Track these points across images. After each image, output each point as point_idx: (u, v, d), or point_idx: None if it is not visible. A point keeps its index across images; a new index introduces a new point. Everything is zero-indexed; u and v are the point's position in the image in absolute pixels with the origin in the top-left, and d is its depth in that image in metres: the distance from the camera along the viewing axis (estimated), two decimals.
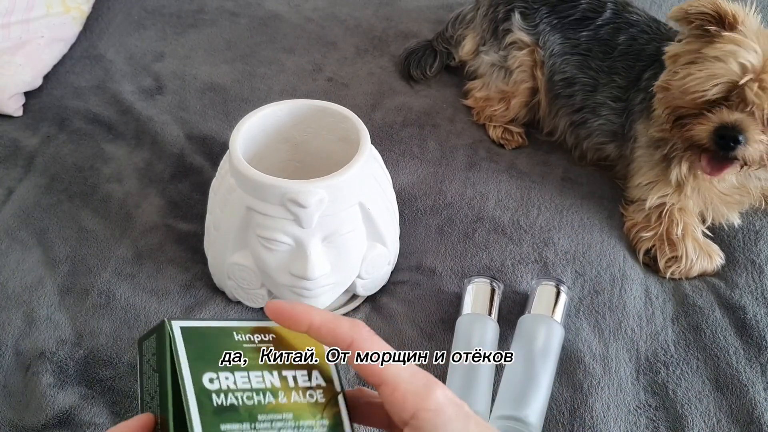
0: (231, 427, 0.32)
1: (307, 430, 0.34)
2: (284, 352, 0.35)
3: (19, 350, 0.67)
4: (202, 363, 0.33)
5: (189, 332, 0.34)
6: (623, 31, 0.83)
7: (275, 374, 0.34)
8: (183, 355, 0.33)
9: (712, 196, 0.78)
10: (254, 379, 0.34)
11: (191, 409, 0.32)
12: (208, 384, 0.33)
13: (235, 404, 0.33)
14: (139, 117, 0.93)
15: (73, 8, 1.02)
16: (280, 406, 0.34)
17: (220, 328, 0.35)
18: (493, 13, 0.93)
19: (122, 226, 0.79)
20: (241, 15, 1.12)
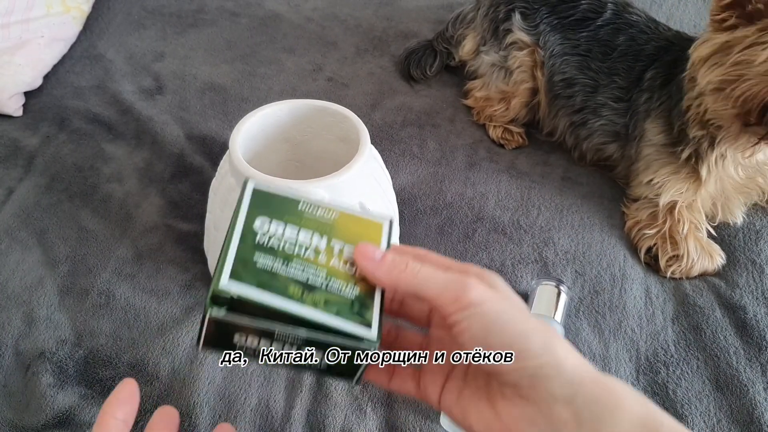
0: (263, 260, 0.34)
1: (335, 288, 0.35)
2: (340, 230, 0.37)
3: (18, 350, 0.67)
4: (259, 210, 0.36)
5: (260, 193, 0.37)
6: (623, 32, 0.84)
7: (324, 239, 0.36)
8: (246, 203, 0.36)
9: (730, 186, 0.78)
10: (302, 235, 0.36)
11: (233, 237, 0.35)
12: (257, 225, 0.36)
13: (274, 247, 0.35)
14: (139, 117, 0.93)
15: (73, 8, 1.02)
16: (317, 263, 0.35)
17: (291, 198, 0.37)
18: (493, 13, 0.93)
19: (122, 226, 0.79)
20: (241, 15, 1.12)
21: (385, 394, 0.65)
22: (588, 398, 0.31)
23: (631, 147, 0.82)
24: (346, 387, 0.65)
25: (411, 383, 0.38)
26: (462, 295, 0.32)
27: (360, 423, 0.63)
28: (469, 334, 0.32)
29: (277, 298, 0.33)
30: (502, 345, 0.31)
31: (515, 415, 0.33)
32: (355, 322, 0.34)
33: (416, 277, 0.33)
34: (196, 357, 0.66)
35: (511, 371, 0.32)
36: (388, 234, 0.38)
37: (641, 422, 0.31)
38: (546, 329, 0.32)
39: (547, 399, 0.31)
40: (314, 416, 0.63)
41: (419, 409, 0.64)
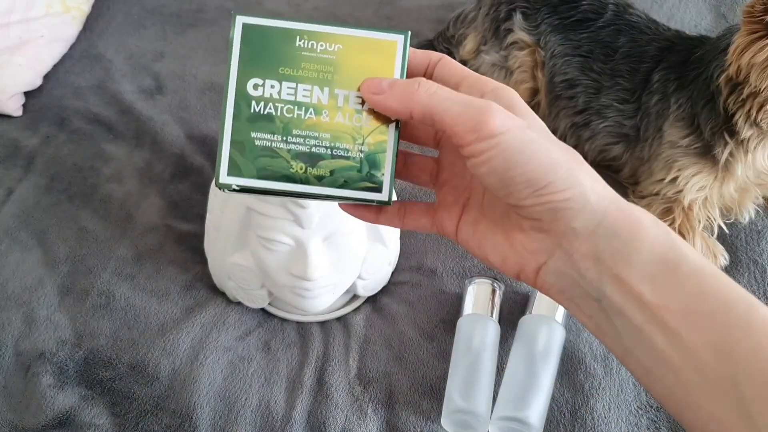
0: (261, 136, 0.33)
1: (341, 152, 0.33)
2: (345, 68, 0.33)
3: (19, 351, 0.67)
4: (252, 66, 0.33)
5: (250, 30, 0.33)
6: (624, 33, 0.83)
7: (326, 90, 0.33)
8: (236, 55, 0.33)
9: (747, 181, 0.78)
10: (301, 91, 0.33)
11: (227, 111, 0.33)
12: (251, 89, 0.33)
13: (272, 114, 0.33)
14: (139, 117, 0.92)
15: (72, 8, 1.02)
16: (320, 124, 0.33)
17: (286, 29, 0.33)
18: (494, 13, 0.93)
19: (122, 227, 0.79)
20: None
21: (387, 395, 0.65)
22: (609, 231, 0.29)
23: (643, 148, 0.82)
24: (347, 387, 0.65)
25: (425, 219, 0.36)
26: (482, 123, 0.29)
27: (361, 424, 0.63)
28: (488, 167, 0.29)
29: (279, 182, 0.33)
30: (525, 179, 0.29)
31: (533, 248, 0.31)
32: (364, 188, 0.33)
33: (431, 97, 0.30)
34: (197, 358, 0.66)
35: (533, 205, 0.30)
36: (403, 55, 0.34)
37: (660, 258, 0.29)
38: (571, 158, 0.30)
39: (567, 233, 0.30)
40: (315, 417, 0.63)
41: (420, 410, 0.64)
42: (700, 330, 0.28)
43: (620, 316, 0.29)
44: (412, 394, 0.65)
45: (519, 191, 0.30)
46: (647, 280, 0.29)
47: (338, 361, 0.67)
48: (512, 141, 0.29)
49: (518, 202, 0.30)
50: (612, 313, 0.30)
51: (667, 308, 0.28)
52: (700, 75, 0.76)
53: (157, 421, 0.63)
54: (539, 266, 0.32)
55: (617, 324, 0.30)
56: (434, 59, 0.34)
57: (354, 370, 0.67)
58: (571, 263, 0.30)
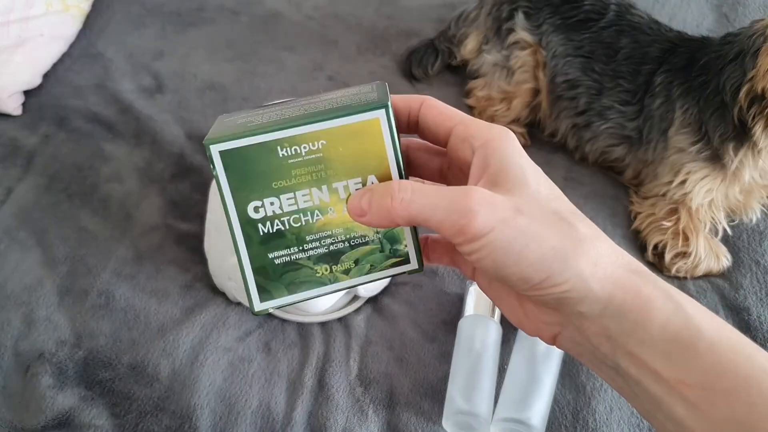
0: (279, 254, 0.33)
1: (358, 240, 0.33)
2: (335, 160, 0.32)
3: (18, 351, 0.67)
4: (246, 191, 0.32)
5: (229, 156, 0.32)
6: (625, 34, 0.83)
7: (324, 189, 0.33)
8: (225, 185, 0.32)
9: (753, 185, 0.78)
10: (301, 198, 0.33)
11: (238, 244, 0.33)
12: (252, 213, 0.33)
13: (281, 229, 0.33)
14: (138, 116, 0.92)
15: (72, 6, 1.01)
16: (330, 222, 0.33)
17: (264, 143, 0.32)
18: (496, 12, 0.92)
19: (122, 227, 0.79)
20: (241, 13, 1.12)
21: (387, 396, 0.65)
22: (616, 313, 0.28)
23: (646, 150, 0.82)
24: (348, 388, 0.65)
25: (448, 257, 0.36)
26: (466, 228, 0.28)
27: (361, 425, 0.62)
28: (481, 265, 0.29)
29: (309, 290, 0.33)
30: (519, 278, 0.29)
31: (545, 320, 0.31)
32: (393, 265, 0.33)
33: (409, 207, 0.30)
34: (197, 358, 0.66)
35: (535, 296, 0.29)
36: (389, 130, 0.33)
37: (674, 336, 0.28)
38: (570, 244, 0.29)
39: (574, 315, 0.29)
40: (315, 418, 0.63)
41: (421, 411, 0.64)
42: (720, 406, 0.27)
43: (638, 386, 0.29)
44: (413, 395, 0.65)
45: (515, 286, 0.29)
46: (661, 357, 0.28)
47: (339, 362, 0.67)
48: (499, 240, 0.28)
49: (520, 292, 0.30)
50: (629, 381, 0.29)
51: (685, 383, 0.27)
52: (708, 83, 0.76)
53: (156, 422, 0.63)
54: (555, 335, 0.31)
55: (636, 391, 0.29)
56: (414, 106, 0.33)
57: (355, 371, 0.66)
58: (584, 337, 0.30)
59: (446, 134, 0.32)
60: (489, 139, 0.31)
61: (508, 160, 0.30)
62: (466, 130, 0.31)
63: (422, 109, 0.33)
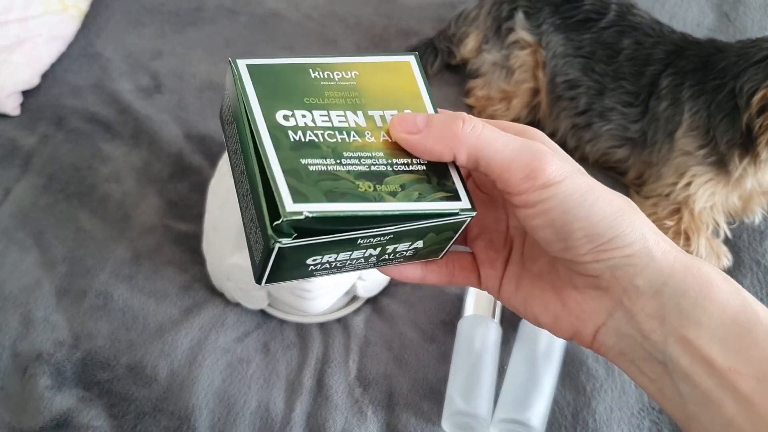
0: (313, 162, 0.28)
1: (401, 166, 0.29)
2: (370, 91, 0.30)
3: (16, 352, 0.67)
4: (274, 101, 0.29)
5: (257, 70, 0.29)
6: (627, 35, 0.83)
7: (359, 114, 0.29)
8: (252, 94, 0.29)
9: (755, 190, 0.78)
10: (336, 118, 0.29)
11: (266, 145, 0.28)
12: (282, 121, 0.29)
13: (315, 141, 0.28)
14: (137, 116, 0.92)
15: (71, 6, 1.01)
16: (368, 145, 0.29)
17: (293, 65, 0.30)
18: (496, 12, 0.92)
19: (120, 227, 0.79)
20: (240, 13, 1.12)
21: (387, 397, 0.65)
22: (676, 290, 0.26)
23: (651, 152, 0.82)
24: (347, 389, 0.65)
25: (474, 275, 0.33)
26: (538, 170, 0.26)
27: (360, 426, 0.62)
28: (544, 219, 0.26)
29: (352, 203, 0.27)
30: (586, 234, 0.26)
31: (590, 307, 0.28)
32: (443, 198, 0.29)
33: (479, 138, 0.27)
34: (195, 359, 0.66)
35: (593, 261, 0.27)
36: (421, 73, 0.31)
37: (733, 319, 0.26)
38: (632, 209, 0.27)
39: (629, 291, 0.27)
40: (314, 419, 0.63)
41: (421, 412, 0.64)
42: None
43: (687, 381, 0.27)
44: (412, 396, 0.65)
45: (578, 246, 0.27)
46: (718, 342, 0.26)
47: (338, 363, 0.67)
48: (571, 190, 0.26)
49: (575, 257, 0.27)
50: (677, 377, 0.27)
51: (739, 373, 0.26)
52: (723, 87, 0.75)
53: (155, 423, 0.62)
54: (597, 327, 0.29)
55: (682, 389, 0.27)
56: None
57: (354, 372, 0.66)
58: (633, 323, 0.28)
59: None
60: (526, 128, 0.30)
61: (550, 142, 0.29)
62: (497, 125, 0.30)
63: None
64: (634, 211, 0.28)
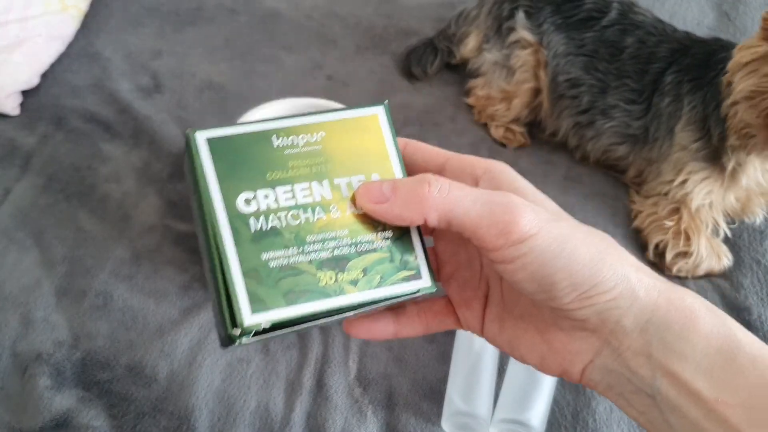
0: (274, 255, 0.27)
1: (366, 245, 0.29)
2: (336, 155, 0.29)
3: (15, 352, 0.67)
4: (236, 181, 0.28)
5: (217, 144, 0.28)
6: (630, 33, 0.83)
7: (325, 183, 0.29)
8: (211, 175, 0.28)
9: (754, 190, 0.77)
10: (300, 192, 0.29)
11: (225, 243, 0.27)
12: (243, 207, 0.28)
13: (277, 227, 0.28)
14: (137, 116, 0.92)
15: (70, 6, 1.01)
16: (333, 222, 0.29)
17: (257, 133, 0.29)
18: (497, 11, 0.92)
19: (120, 227, 0.79)
20: (240, 12, 1.11)
21: (386, 397, 0.65)
22: (661, 325, 0.27)
23: (651, 149, 0.82)
24: (347, 389, 0.65)
25: (451, 318, 0.33)
26: (511, 225, 0.25)
27: (360, 426, 0.62)
28: (524, 274, 0.26)
29: (312, 302, 0.27)
30: (568, 284, 0.26)
31: (576, 348, 0.28)
32: (404, 279, 0.29)
33: (447, 199, 0.26)
34: (195, 359, 0.66)
35: (578, 308, 0.27)
36: (389, 127, 0.30)
37: (717, 349, 0.26)
38: (612, 249, 0.27)
39: (616, 331, 0.27)
40: (314, 419, 0.63)
41: (420, 412, 0.64)
42: (763, 425, 0.26)
43: (675, 413, 0.27)
44: (412, 396, 0.65)
45: (562, 296, 0.27)
46: (703, 374, 0.26)
47: (338, 363, 0.67)
48: (548, 242, 0.26)
49: (560, 306, 0.27)
50: (666, 409, 0.27)
51: (727, 403, 0.26)
52: (717, 77, 0.75)
53: (155, 423, 0.62)
54: (585, 365, 0.29)
55: (672, 420, 0.27)
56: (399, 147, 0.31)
57: (353, 372, 0.66)
58: (620, 360, 0.28)
59: (438, 170, 0.31)
60: (491, 166, 0.29)
61: (519, 180, 0.29)
62: (462, 162, 0.30)
63: (408, 148, 0.31)
64: (614, 250, 0.27)
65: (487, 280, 0.32)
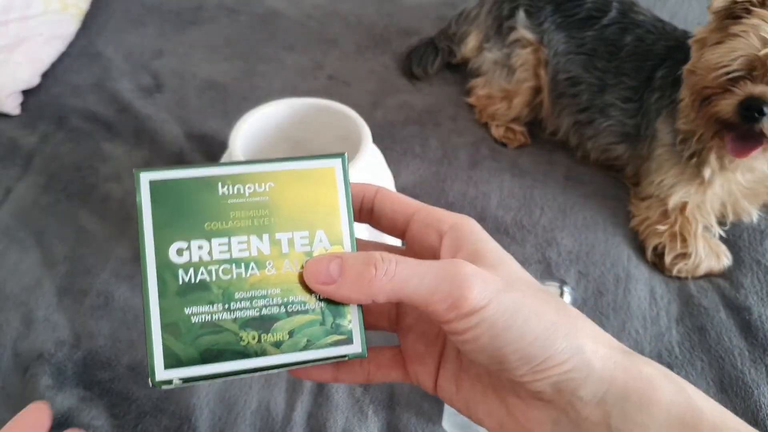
0: (198, 310, 0.27)
1: (297, 306, 0.28)
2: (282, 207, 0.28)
3: (17, 352, 0.67)
4: (171, 229, 0.27)
5: (161, 187, 0.27)
6: (629, 32, 0.83)
7: (265, 238, 0.28)
8: (148, 220, 0.27)
9: (737, 190, 0.77)
10: (237, 246, 0.28)
11: (149, 290, 0.27)
12: (174, 257, 0.27)
13: (206, 281, 0.27)
14: (137, 115, 0.92)
15: (71, 5, 1.01)
16: (266, 280, 0.28)
17: (202, 178, 0.28)
18: (497, 11, 0.92)
19: (121, 226, 0.79)
20: (240, 12, 1.12)
21: (387, 396, 0.65)
22: (619, 396, 0.26)
23: (643, 147, 0.82)
24: (348, 389, 0.65)
25: (397, 371, 0.32)
26: (460, 300, 0.25)
27: (361, 425, 0.62)
28: (474, 345, 0.26)
29: (228, 362, 0.27)
30: (519, 356, 0.26)
31: (535, 417, 0.28)
32: (334, 343, 0.28)
33: (393, 281, 0.26)
34: None
35: (532, 381, 0.26)
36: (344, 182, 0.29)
37: (678, 419, 0.26)
38: (563, 316, 0.27)
39: (574, 402, 0.27)
40: (315, 419, 0.63)
41: (421, 412, 0.64)
42: None
43: None
44: (413, 395, 0.65)
45: (514, 369, 0.26)
46: None
47: None
48: (499, 314, 0.25)
49: (514, 378, 0.27)
50: None
51: None
52: None
53: (156, 423, 0.62)
54: None
55: None
56: (369, 194, 0.31)
57: None
58: (580, 431, 0.27)
59: (405, 222, 0.30)
60: (457, 222, 0.29)
61: (482, 240, 0.28)
62: (430, 216, 0.30)
63: (378, 196, 0.31)
64: (569, 320, 0.27)
65: (444, 336, 0.32)
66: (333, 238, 0.29)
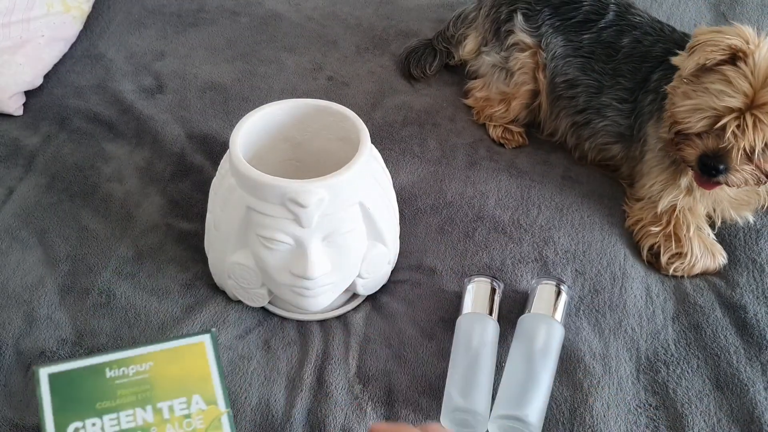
0: None
1: None
2: (161, 380, 0.33)
3: (19, 350, 0.67)
4: (68, 412, 0.32)
5: (57, 378, 0.33)
6: (627, 34, 0.83)
7: (148, 409, 0.34)
8: (48, 407, 0.33)
9: (722, 199, 0.78)
10: (124, 419, 0.33)
11: None
12: None
13: None
14: (139, 116, 0.93)
15: (73, 7, 1.02)
16: None
17: (93, 366, 0.34)
18: (495, 14, 0.93)
19: (123, 226, 0.79)
20: (241, 14, 1.12)
21: (386, 393, 0.65)
22: None
23: (636, 148, 0.82)
24: (347, 386, 0.66)
25: None
26: None
27: (360, 422, 0.63)
28: None
29: None
30: None
31: None
32: None
33: None
34: None
35: None
36: (214, 352, 0.35)
37: None
38: None
39: None
40: (314, 415, 0.63)
41: (419, 408, 0.64)
42: None
43: None
44: (411, 392, 0.65)
45: None
46: None
47: (338, 360, 0.67)
48: None
49: None
50: None
51: None
52: None
53: None
54: None
55: None
56: None
57: (353, 369, 0.67)
58: None
59: None
60: None
61: None
62: None
63: None
64: None
65: None
66: (208, 399, 0.34)
